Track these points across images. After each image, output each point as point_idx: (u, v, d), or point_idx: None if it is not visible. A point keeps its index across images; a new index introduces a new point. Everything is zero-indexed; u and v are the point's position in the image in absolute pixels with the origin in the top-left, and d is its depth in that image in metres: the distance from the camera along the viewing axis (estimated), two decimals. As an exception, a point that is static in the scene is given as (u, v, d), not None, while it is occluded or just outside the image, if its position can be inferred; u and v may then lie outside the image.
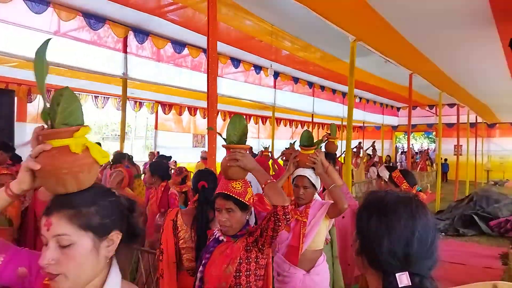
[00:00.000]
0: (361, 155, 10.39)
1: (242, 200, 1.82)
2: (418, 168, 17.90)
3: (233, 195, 1.80)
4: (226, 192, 1.81)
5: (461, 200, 9.52)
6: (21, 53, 5.43)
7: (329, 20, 4.32)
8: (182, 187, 3.71)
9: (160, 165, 3.77)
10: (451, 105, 13.10)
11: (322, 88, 11.28)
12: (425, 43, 5.68)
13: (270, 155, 7.54)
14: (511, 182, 17.35)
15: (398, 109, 17.61)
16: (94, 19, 5.89)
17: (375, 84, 10.27)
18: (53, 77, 7.10)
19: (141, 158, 13.04)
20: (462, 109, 12.83)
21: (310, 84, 10.70)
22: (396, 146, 23.68)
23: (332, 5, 4.10)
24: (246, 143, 1.90)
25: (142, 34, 6.54)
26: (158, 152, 10.21)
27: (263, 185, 1.75)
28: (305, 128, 16.93)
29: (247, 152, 1.90)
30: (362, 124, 18.39)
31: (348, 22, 4.62)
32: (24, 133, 6.98)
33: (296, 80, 10.07)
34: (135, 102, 10.63)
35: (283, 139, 14.96)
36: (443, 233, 7.72)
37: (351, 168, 6.54)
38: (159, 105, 11.25)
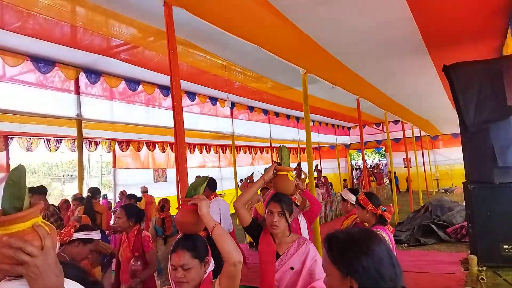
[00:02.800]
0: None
1: None
2: (362, 186, 16.84)
3: None
4: None
5: (418, 211, 10.04)
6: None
7: (280, 56, 4.57)
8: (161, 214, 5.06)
9: (134, 208, 3.66)
10: (395, 122, 13.99)
11: (277, 114, 11.64)
12: (368, 72, 6.18)
13: None
14: (459, 188, 18.56)
15: (349, 128, 18.46)
16: (43, 63, 5.77)
17: (326, 108, 10.80)
18: (2, 124, 6.81)
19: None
20: (406, 124, 13.76)
21: (265, 112, 11.02)
22: (351, 163, 24.66)
23: (282, 43, 4.37)
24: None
25: (94, 74, 6.48)
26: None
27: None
28: (264, 153, 17.19)
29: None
30: (317, 146, 19.03)
31: (298, 57, 4.93)
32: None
33: (251, 108, 10.34)
34: (90, 142, 10.33)
35: (244, 166, 15.10)
36: (405, 244, 8.07)
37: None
38: (116, 143, 11.00)
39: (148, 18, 4.23)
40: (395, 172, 19.34)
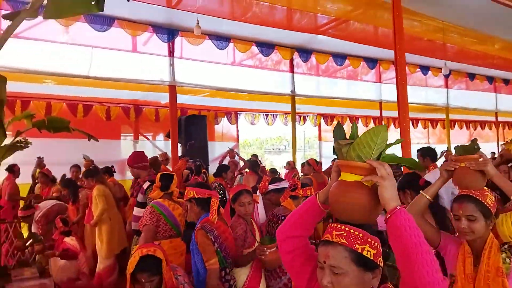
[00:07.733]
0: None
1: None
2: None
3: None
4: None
5: None
6: (208, 83, 6.54)
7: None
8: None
9: None
10: None
11: (506, 81, 9.67)
12: None
13: None
14: None
15: None
16: (265, 47, 6.63)
17: None
18: (234, 102, 8.25)
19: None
20: None
21: (490, 79, 9.33)
22: None
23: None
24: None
25: (306, 53, 6.99)
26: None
27: None
28: (486, 129, 14.66)
29: None
30: None
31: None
32: (214, 150, 8.24)
33: (472, 76, 8.95)
34: (300, 116, 11.26)
35: (458, 143, 13.31)
36: None
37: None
38: (321, 118, 11.63)
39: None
40: None
